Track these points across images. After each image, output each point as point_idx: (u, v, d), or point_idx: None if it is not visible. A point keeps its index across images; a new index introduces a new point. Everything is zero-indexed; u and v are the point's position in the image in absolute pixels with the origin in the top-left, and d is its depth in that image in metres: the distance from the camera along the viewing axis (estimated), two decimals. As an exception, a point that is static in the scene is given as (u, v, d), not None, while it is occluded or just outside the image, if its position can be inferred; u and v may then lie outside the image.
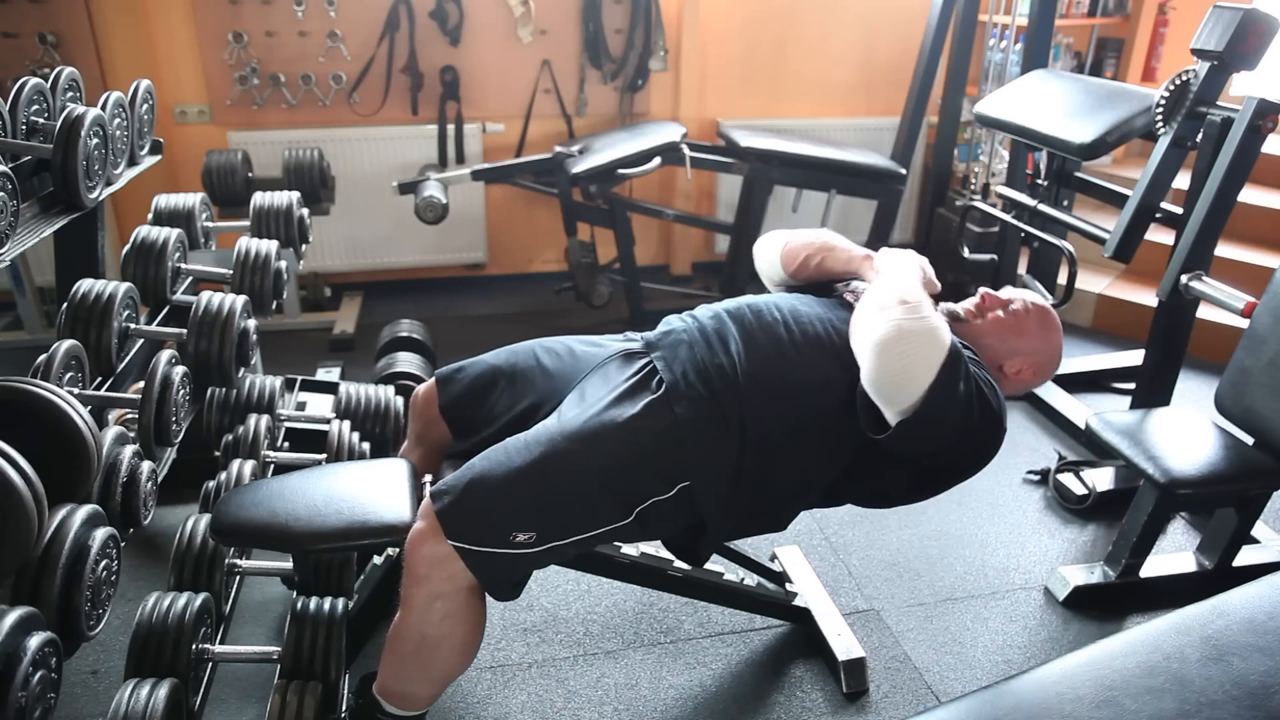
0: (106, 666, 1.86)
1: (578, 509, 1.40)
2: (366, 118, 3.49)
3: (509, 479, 1.38)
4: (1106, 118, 2.45)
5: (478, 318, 3.68)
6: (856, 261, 1.64)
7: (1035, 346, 1.61)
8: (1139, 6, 4.06)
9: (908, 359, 1.31)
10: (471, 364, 1.68)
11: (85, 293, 1.59)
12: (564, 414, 1.47)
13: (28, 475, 1.07)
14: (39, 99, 1.64)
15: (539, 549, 1.38)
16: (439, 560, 1.36)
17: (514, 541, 1.36)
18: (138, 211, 2.46)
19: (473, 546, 1.35)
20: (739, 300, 1.60)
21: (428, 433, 1.72)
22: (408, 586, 1.40)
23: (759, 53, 3.80)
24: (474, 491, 1.37)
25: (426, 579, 1.38)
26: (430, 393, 1.69)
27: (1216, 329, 3.24)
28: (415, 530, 1.39)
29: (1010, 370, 1.60)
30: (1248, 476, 2.04)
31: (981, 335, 1.59)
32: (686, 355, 1.48)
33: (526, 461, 1.38)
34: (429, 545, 1.37)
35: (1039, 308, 1.63)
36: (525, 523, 1.37)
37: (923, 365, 1.30)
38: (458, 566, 1.36)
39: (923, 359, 1.30)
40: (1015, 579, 2.25)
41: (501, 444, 1.44)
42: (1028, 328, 1.60)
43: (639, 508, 1.41)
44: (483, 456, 1.43)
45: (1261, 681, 1.12)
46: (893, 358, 1.31)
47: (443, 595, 1.38)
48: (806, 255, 1.69)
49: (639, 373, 1.49)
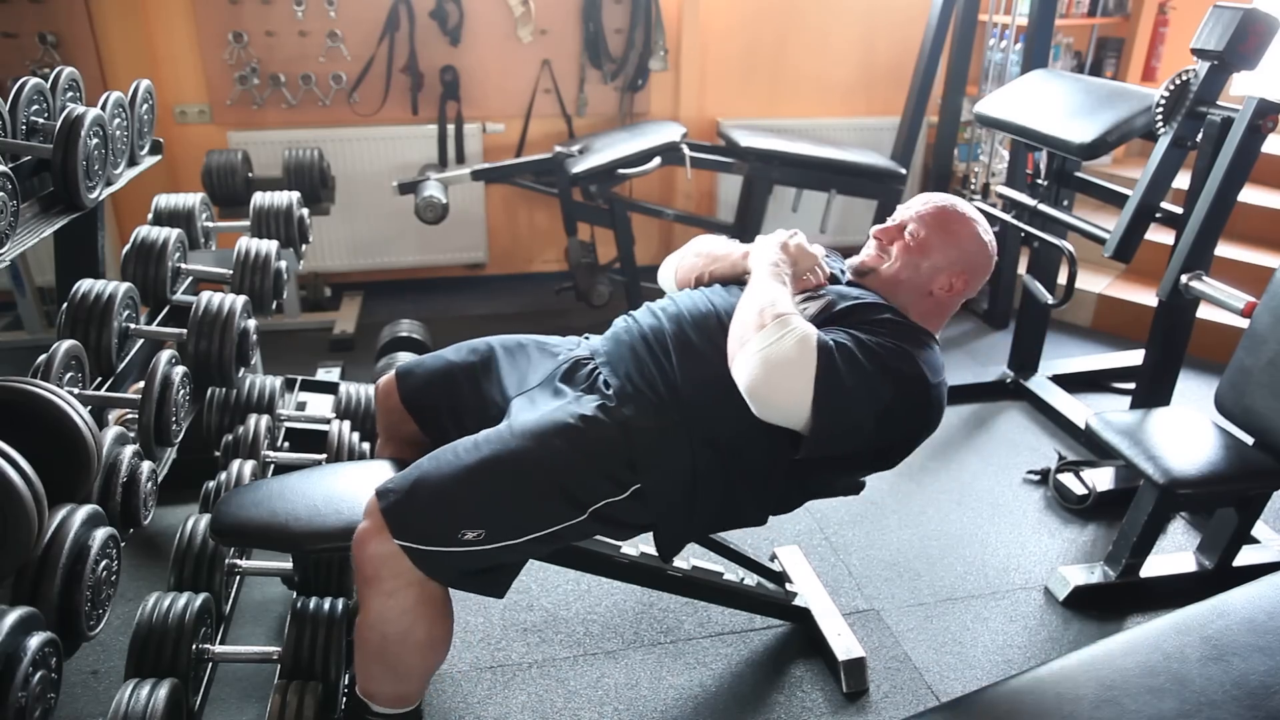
0: (106, 666, 1.86)
1: (526, 507, 1.39)
2: (366, 118, 3.49)
3: (455, 478, 1.37)
4: (1106, 117, 2.45)
5: (478, 318, 3.68)
6: (740, 263, 1.63)
7: (949, 255, 1.51)
8: (1139, 6, 4.05)
9: (780, 387, 1.31)
10: (430, 358, 1.70)
11: (85, 293, 1.59)
12: (514, 417, 1.48)
13: (28, 475, 1.07)
14: (39, 99, 1.64)
15: (489, 547, 1.37)
16: (385, 559, 1.35)
17: (462, 540, 1.35)
18: (138, 211, 2.46)
19: (419, 545, 1.34)
20: (678, 296, 1.61)
21: (394, 426, 1.72)
22: (360, 587, 1.39)
23: (759, 52, 3.80)
24: (420, 490, 1.36)
25: (376, 579, 1.36)
26: (389, 385, 1.70)
27: (1216, 329, 3.23)
28: (360, 529, 1.38)
29: (940, 289, 1.53)
30: (1248, 476, 2.04)
31: (898, 276, 1.53)
32: (630, 359, 1.49)
33: (474, 460, 1.38)
34: (374, 544, 1.35)
35: (932, 213, 1.53)
36: (472, 521, 1.35)
37: (798, 385, 1.30)
38: (405, 564, 1.34)
39: (795, 381, 1.30)
40: (1015, 579, 2.25)
41: (451, 444, 1.44)
42: (932, 241, 1.51)
43: (592, 507, 1.40)
44: (430, 456, 1.42)
45: (1262, 681, 1.12)
46: (768, 389, 1.31)
47: (394, 594, 1.36)
48: (697, 276, 1.70)
49: (588, 378, 1.51)
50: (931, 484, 2.61)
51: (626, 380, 1.46)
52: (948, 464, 2.71)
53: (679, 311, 1.54)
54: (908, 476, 2.62)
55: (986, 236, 1.55)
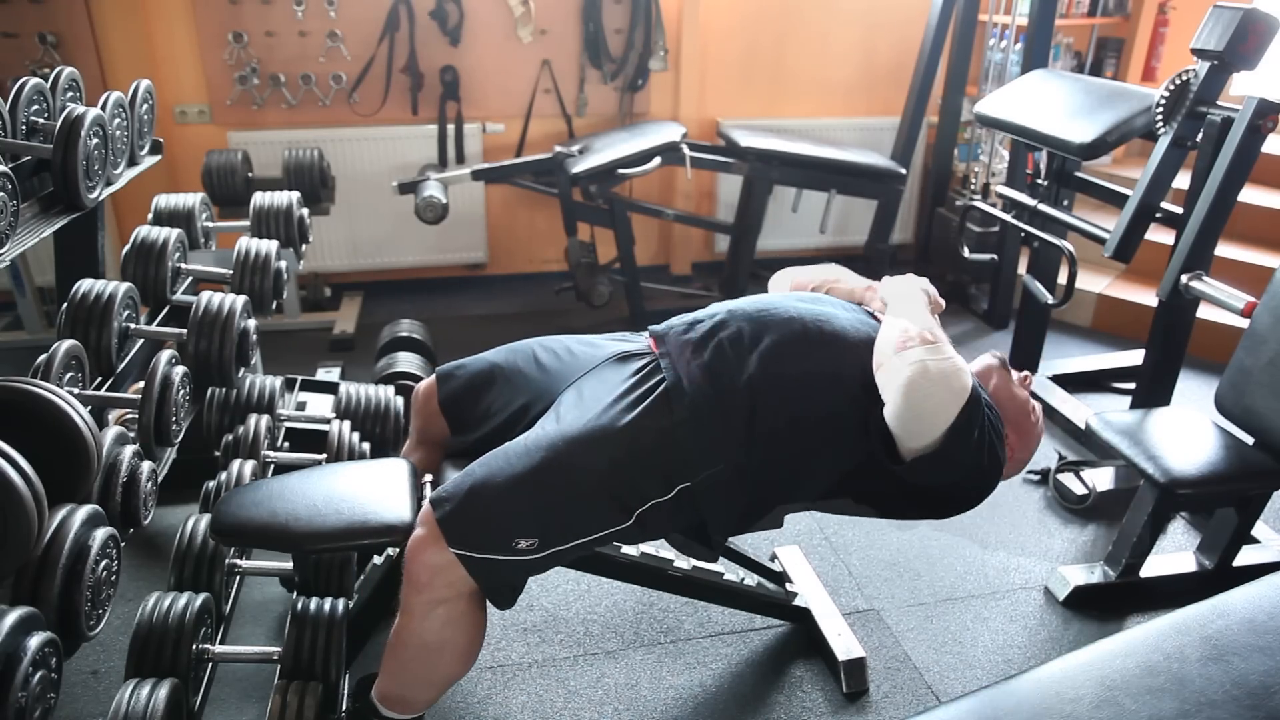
0: (107, 666, 1.86)
1: (578, 513, 1.40)
2: (366, 118, 3.49)
3: (510, 485, 1.37)
4: (1106, 117, 2.45)
5: (478, 318, 3.68)
6: (860, 293, 1.67)
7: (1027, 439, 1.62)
8: (1139, 6, 4.06)
9: (931, 399, 1.33)
10: (471, 361, 1.69)
11: (85, 293, 1.59)
12: (563, 416, 1.47)
13: (28, 475, 1.07)
14: (39, 99, 1.64)
15: (541, 555, 1.38)
16: (440, 568, 1.35)
17: (516, 548, 1.36)
18: (138, 211, 2.46)
19: (474, 554, 1.35)
20: (753, 299, 1.60)
21: (428, 429, 1.72)
22: (408, 594, 1.39)
23: (759, 52, 3.80)
24: (475, 499, 1.37)
25: (428, 586, 1.37)
26: (430, 388, 1.70)
27: (1217, 329, 3.24)
28: (415, 538, 1.38)
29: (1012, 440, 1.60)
30: (1248, 476, 2.04)
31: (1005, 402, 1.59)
32: (693, 355, 1.47)
33: (527, 468, 1.38)
34: (430, 553, 1.36)
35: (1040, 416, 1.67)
36: (527, 529, 1.36)
37: (945, 405, 1.33)
38: (459, 574, 1.35)
39: (945, 400, 1.33)
40: (1015, 579, 2.25)
41: (501, 449, 1.43)
42: (1029, 422, 1.61)
43: (639, 510, 1.40)
44: (482, 463, 1.42)
45: (1262, 682, 1.12)
46: (919, 397, 1.33)
47: (444, 602, 1.38)
48: (814, 288, 1.72)
49: (638, 373, 1.49)
50: (931, 484, 2.61)
51: (686, 377, 1.44)
52: (948, 464, 2.70)
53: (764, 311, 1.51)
54: (908, 476, 2.62)
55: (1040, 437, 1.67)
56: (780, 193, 3.70)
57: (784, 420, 1.42)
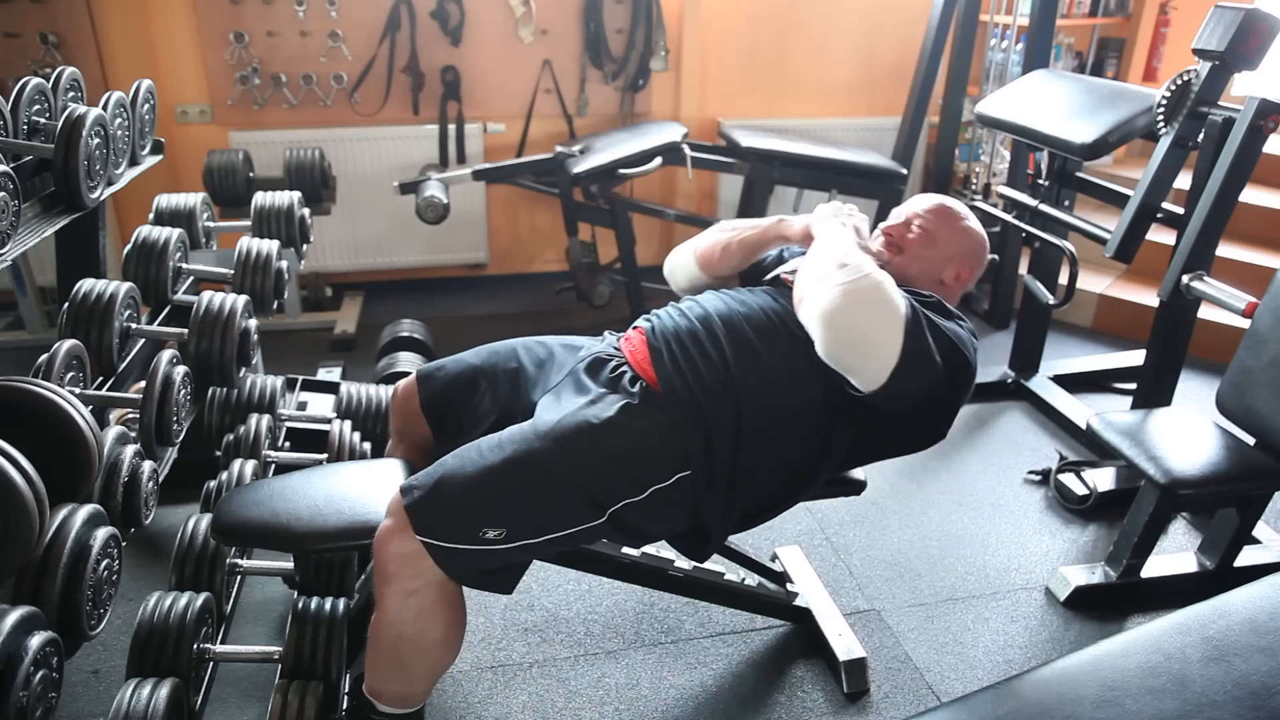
0: (108, 666, 1.86)
1: (548, 507, 1.39)
2: (367, 118, 3.49)
3: (480, 476, 1.37)
4: (1108, 118, 2.45)
5: (478, 318, 3.68)
6: (767, 227, 1.67)
7: (956, 245, 1.63)
8: (1140, 6, 4.05)
9: (858, 326, 1.32)
10: (451, 362, 1.69)
11: (86, 292, 1.59)
12: (539, 415, 1.48)
13: (29, 475, 1.07)
14: (40, 99, 1.64)
15: (509, 546, 1.37)
16: (407, 557, 1.35)
17: (483, 538, 1.35)
18: (139, 211, 2.47)
19: (440, 542, 1.34)
20: (700, 299, 1.60)
21: (408, 429, 1.72)
22: (379, 585, 1.39)
23: (760, 53, 3.80)
24: (444, 487, 1.36)
25: (396, 576, 1.36)
26: (410, 389, 1.69)
27: (1218, 329, 3.23)
28: (383, 527, 1.38)
29: (950, 278, 1.64)
30: (1249, 477, 2.04)
31: (908, 267, 1.61)
32: (669, 358, 1.47)
33: (498, 459, 1.38)
34: (397, 542, 1.35)
35: (935, 210, 1.65)
36: (495, 520, 1.35)
37: (885, 322, 1.31)
38: (426, 563, 1.35)
39: (881, 316, 1.32)
40: (1016, 579, 2.25)
41: (474, 443, 1.43)
42: (939, 233, 1.63)
43: (611, 508, 1.40)
44: (455, 454, 1.42)
45: (1263, 682, 1.12)
46: (843, 326, 1.32)
47: (414, 592, 1.37)
48: (722, 244, 1.72)
49: (613, 375, 1.50)
50: (932, 484, 2.61)
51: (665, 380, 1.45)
52: (949, 464, 2.71)
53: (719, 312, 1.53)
54: (909, 476, 2.62)
55: (981, 229, 1.69)
56: (781, 193, 3.70)
57: (767, 421, 1.42)
